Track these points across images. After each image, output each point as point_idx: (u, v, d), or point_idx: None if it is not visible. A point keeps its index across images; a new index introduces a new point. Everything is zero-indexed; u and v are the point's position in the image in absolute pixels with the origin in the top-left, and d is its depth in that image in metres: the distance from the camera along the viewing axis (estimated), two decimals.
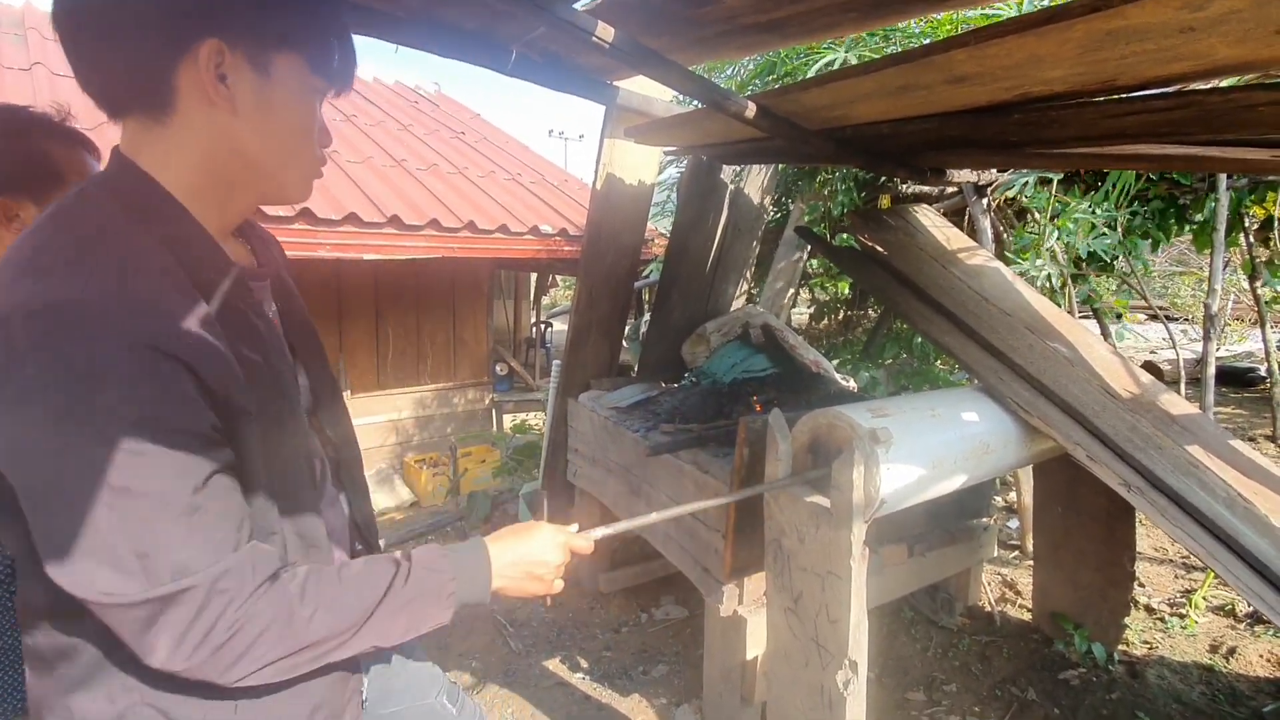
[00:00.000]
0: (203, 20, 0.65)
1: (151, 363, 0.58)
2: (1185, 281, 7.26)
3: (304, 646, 0.66)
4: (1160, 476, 1.52)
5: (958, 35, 1.09)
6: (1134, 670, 2.18)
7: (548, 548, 0.88)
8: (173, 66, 0.66)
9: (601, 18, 1.21)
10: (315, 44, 0.73)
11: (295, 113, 0.74)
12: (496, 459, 4.66)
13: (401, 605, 0.73)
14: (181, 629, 0.60)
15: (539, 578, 0.87)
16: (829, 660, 1.36)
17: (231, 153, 0.71)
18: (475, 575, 0.80)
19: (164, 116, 0.69)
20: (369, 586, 0.72)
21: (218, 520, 0.63)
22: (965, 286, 2.09)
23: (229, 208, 0.76)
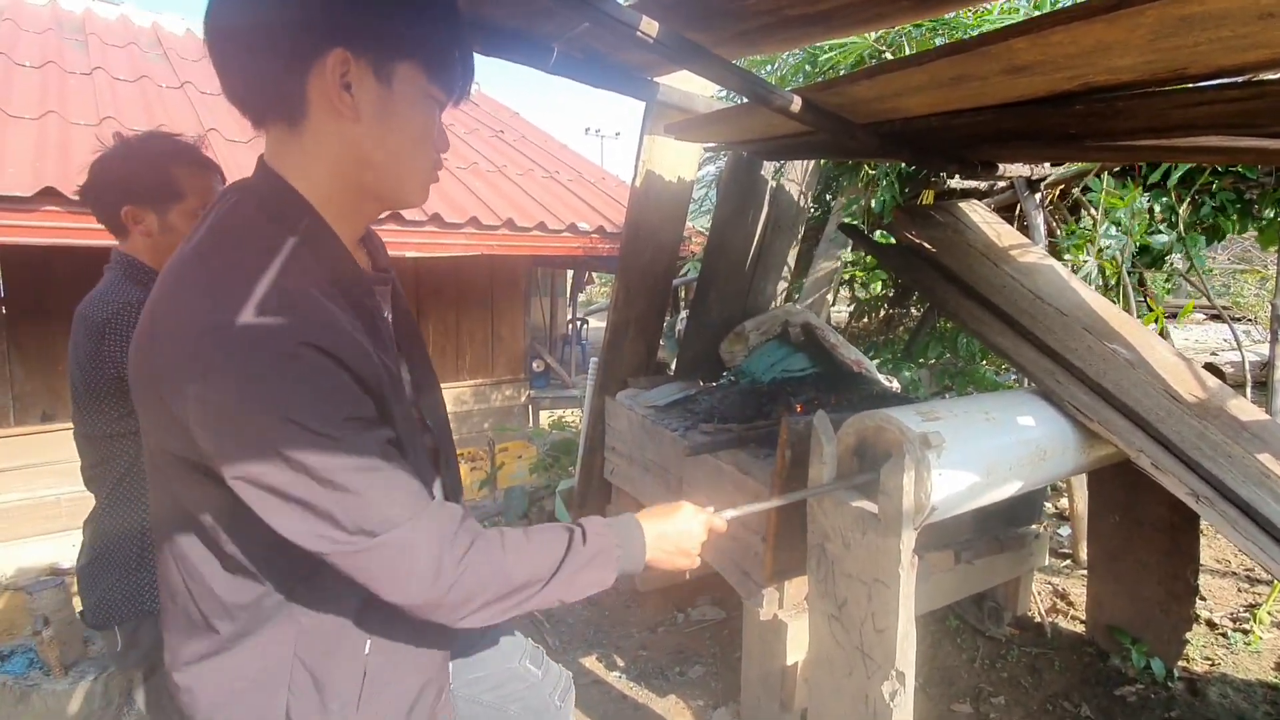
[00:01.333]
0: (329, 31, 0.69)
1: (317, 359, 0.65)
2: (1248, 280, 6.92)
3: (512, 589, 0.75)
4: (1231, 487, 1.44)
5: (1017, 23, 1.04)
6: (1195, 688, 2.08)
7: (693, 525, 0.95)
8: (303, 76, 0.69)
9: (645, 12, 1.19)
10: (435, 54, 0.75)
11: (414, 120, 0.76)
12: (533, 455, 4.68)
13: (581, 563, 0.81)
14: (407, 569, 0.69)
15: (686, 552, 0.94)
16: (874, 670, 1.32)
17: (358, 160, 0.75)
18: (635, 545, 0.88)
19: (298, 125, 0.72)
20: (553, 544, 0.80)
21: (406, 480, 0.71)
22: (1018, 285, 2.01)
23: (358, 214, 0.80)
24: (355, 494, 0.66)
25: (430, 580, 0.70)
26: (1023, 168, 2.52)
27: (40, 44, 5.21)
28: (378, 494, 0.68)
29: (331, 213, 0.76)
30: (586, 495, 2.87)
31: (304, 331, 0.65)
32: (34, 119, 3.93)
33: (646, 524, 0.91)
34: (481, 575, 0.73)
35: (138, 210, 1.27)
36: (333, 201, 0.76)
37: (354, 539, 0.67)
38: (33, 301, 4.56)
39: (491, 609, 0.74)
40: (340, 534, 0.66)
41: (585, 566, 0.81)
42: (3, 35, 5.14)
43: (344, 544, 0.67)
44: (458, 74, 0.79)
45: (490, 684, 1.11)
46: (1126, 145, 1.63)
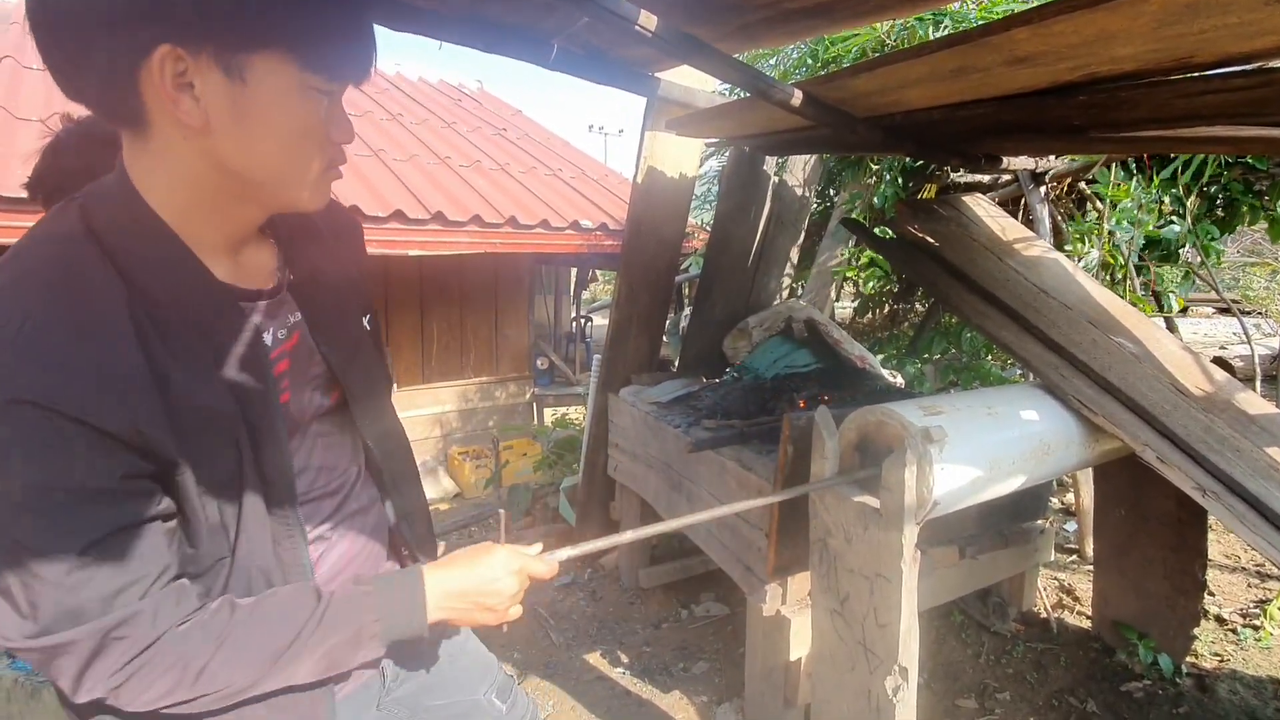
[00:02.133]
0: (151, 24, 0.57)
1: (36, 420, 0.56)
2: (1258, 273, 6.86)
3: (204, 693, 0.65)
4: (1239, 480, 1.43)
5: (1019, 13, 1.03)
6: (1203, 684, 2.06)
7: (500, 574, 0.80)
8: (132, 79, 0.59)
9: (645, 6, 1.19)
10: (303, 38, 0.63)
11: (286, 118, 0.65)
12: (538, 452, 4.69)
13: (313, 647, 0.69)
14: (75, 671, 0.60)
15: (489, 608, 0.80)
16: (877, 665, 1.32)
17: (216, 169, 0.65)
18: (406, 611, 0.75)
19: (142, 133, 0.63)
20: (280, 627, 0.69)
21: (119, 570, 0.61)
22: (1022, 279, 2.00)
23: (229, 220, 0.71)
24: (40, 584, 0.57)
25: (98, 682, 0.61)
26: (1027, 161, 2.50)
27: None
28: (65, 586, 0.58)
29: (190, 222, 0.68)
30: (590, 492, 2.87)
31: (24, 386, 0.56)
32: (42, 120, 3.95)
33: (436, 577, 0.78)
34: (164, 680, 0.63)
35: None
36: (190, 213, 0.67)
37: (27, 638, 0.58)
38: None
39: (185, 706, 0.66)
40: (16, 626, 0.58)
41: (320, 649, 0.70)
42: (11, 39, 5.17)
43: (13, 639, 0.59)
44: (345, 53, 0.67)
45: (450, 714, 1.02)
46: (1131, 136, 1.61)
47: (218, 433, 0.68)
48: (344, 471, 0.89)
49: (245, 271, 0.76)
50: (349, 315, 0.89)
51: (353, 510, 0.89)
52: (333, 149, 0.71)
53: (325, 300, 0.84)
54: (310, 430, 0.83)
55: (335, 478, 0.87)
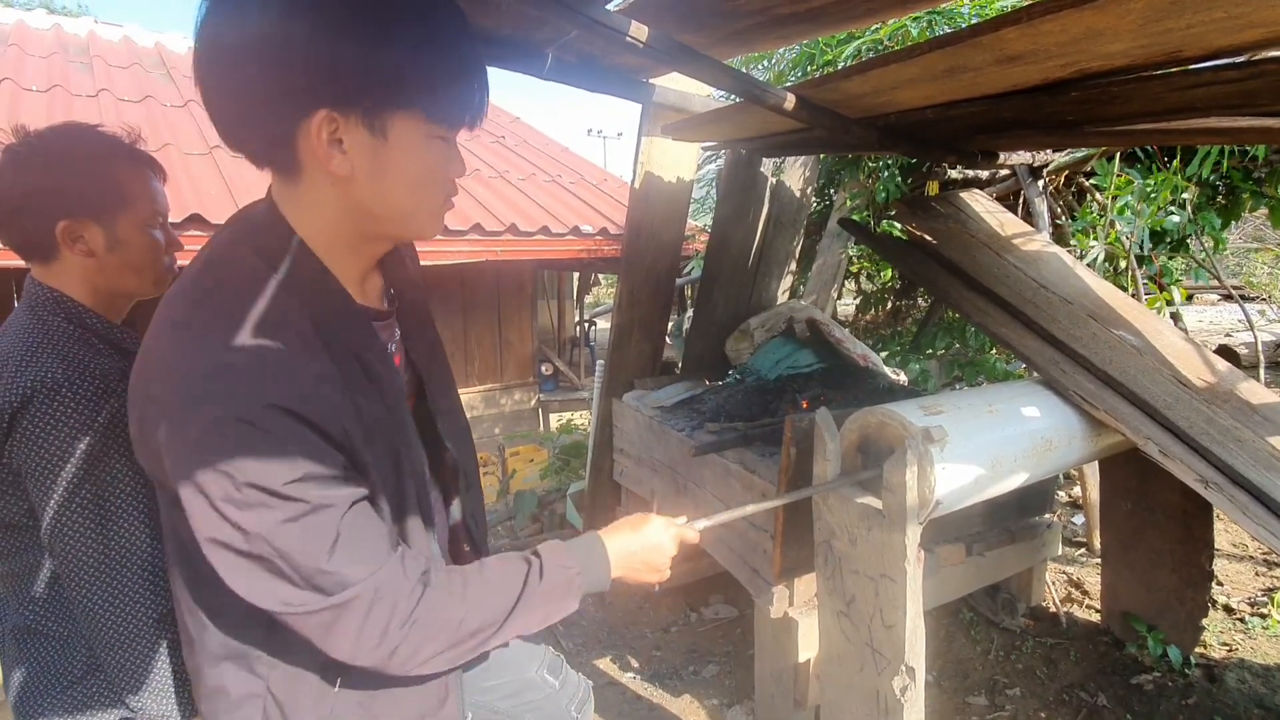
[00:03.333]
0: (314, 91, 0.66)
1: (281, 421, 0.64)
2: (1261, 259, 6.84)
3: (462, 639, 0.75)
4: (1241, 472, 1.43)
5: (1008, 13, 1.04)
6: (1213, 674, 2.06)
7: (663, 539, 0.94)
8: (291, 135, 0.68)
9: (635, 17, 1.20)
10: (428, 94, 0.71)
11: (416, 166, 0.73)
12: (544, 458, 4.70)
13: (539, 599, 0.80)
14: (355, 631, 0.69)
15: (655, 567, 0.93)
16: (884, 666, 1.32)
17: (358, 213, 0.74)
18: (598, 567, 0.87)
19: (294, 178, 0.72)
20: (509, 583, 0.79)
21: (367, 537, 0.70)
22: (1022, 274, 2.00)
23: (363, 253, 0.80)
24: (309, 555, 0.66)
25: (375, 642, 0.70)
26: (1024, 156, 2.51)
27: (46, 68, 5.28)
28: (333, 554, 0.67)
29: (334, 255, 0.76)
30: (596, 497, 2.87)
31: (270, 393, 0.64)
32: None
33: (611, 542, 0.89)
34: (430, 629, 0.72)
35: (76, 224, 1.00)
36: (335, 246, 0.76)
37: (305, 599, 0.67)
38: None
39: (443, 657, 0.74)
40: (293, 594, 0.67)
41: (544, 600, 0.81)
42: (9, 60, 5.22)
43: (295, 605, 0.67)
44: (465, 101, 0.74)
45: (505, 692, 1.11)
46: (1126, 130, 1.61)
47: (383, 439, 0.76)
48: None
49: (368, 296, 0.84)
50: (427, 324, 0.98)
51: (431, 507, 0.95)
52: (449, 184, 0.79)
53: (413, 314, 0.94)
54: None
55: None
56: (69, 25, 6.59)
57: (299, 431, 0.65)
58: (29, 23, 6.39)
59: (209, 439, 0.63)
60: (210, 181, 4.11)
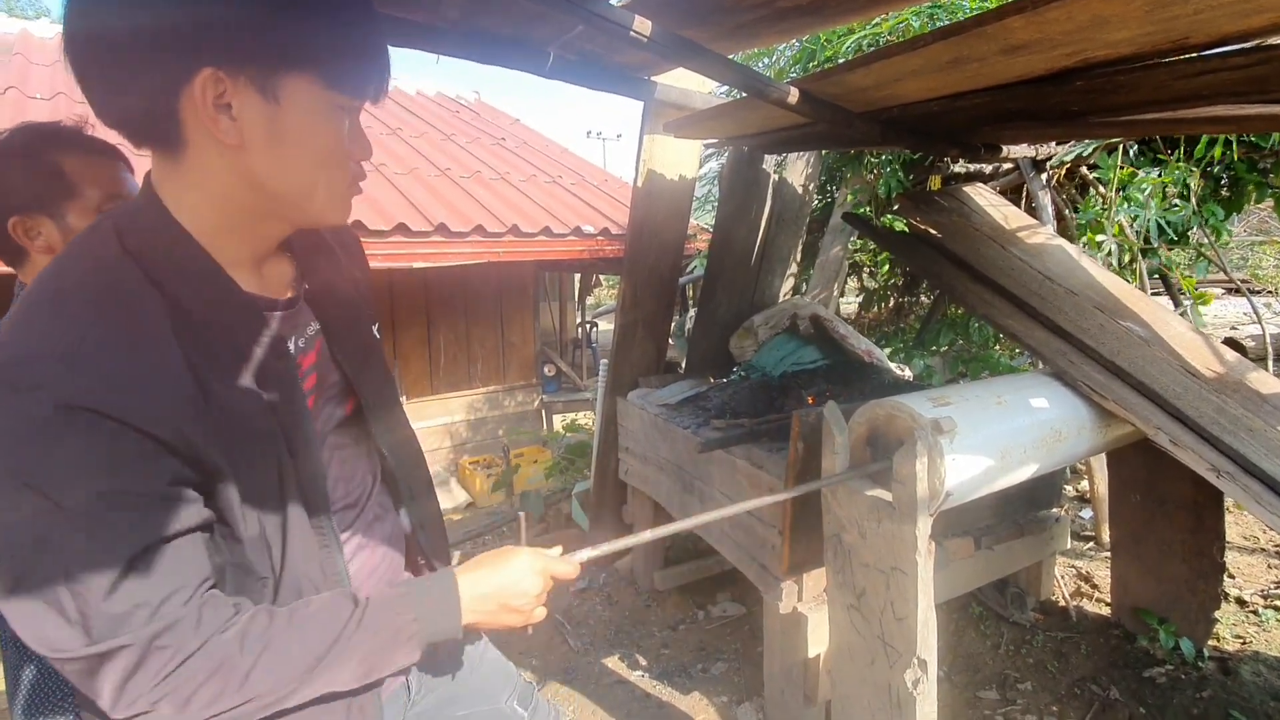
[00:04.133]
0: (195, 49, 0.61)
1: (87, 424, 0.57)
2: (1267, 251, 6.80)
3: (247, 700, 0.65)
4: (1253, 460, 1.42)
5: (1013, 2, 1.04)
6: (1226, 667, 2.05)
7: (524, 576, 0.82)
8: (173, 101, 0.62)
9: (638, 11, 1.20)
10: (329, 59, 0.67)
11: (314, 136, 0.68)
12: (548, 459, 4.70)
13: (353, 650, 0.70)
14: (118, 682, 0.60)
15: (515, 609, 0.82)
16: (896, 659, 1.32)
17: (249, 187, 0.68)
18: (442, 612, 0.76)
19: (177, 154, 0.66)
20: (319, 632, 0.69)
21: (163, 578, 0.61)
22: (1027, 266, 2.00)
23: (256, 236, 0.74)
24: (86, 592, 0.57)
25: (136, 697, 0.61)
26: (1027, 149, 2.50)
27: (50, 76, 5.30)
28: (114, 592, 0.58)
29: (219, 238, 0.70)
30: (602, 497, 2.87)
31: (78, 391, 0.57)
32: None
33: (466, 580, 0.79)
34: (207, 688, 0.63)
35: (29, 220, 1.01)
36: (220, 230, 0.70)
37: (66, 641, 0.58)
38: None
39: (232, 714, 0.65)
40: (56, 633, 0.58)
41: (361, 651, 0.70)
42: (14, 69, 5.24)
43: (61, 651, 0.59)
44: (366, 72, 0.70)
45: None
46: (1131, 120, 1.61)
47: (257, 441, 0.70)
48: (360, 482, 0.89)
49: (267, 284, 0.78)
50: (361, 324, 0.91)
51: (370, 520, 0.90)
52: (354, 165, 0.74)
53: (339, 311, 0.87)
54: (328, 441, 0.84)
55: (354, 489, 0.88)
56: None
57: (108, 436, 0.58)
58: (33, 31, 6.41)
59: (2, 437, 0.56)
60: None
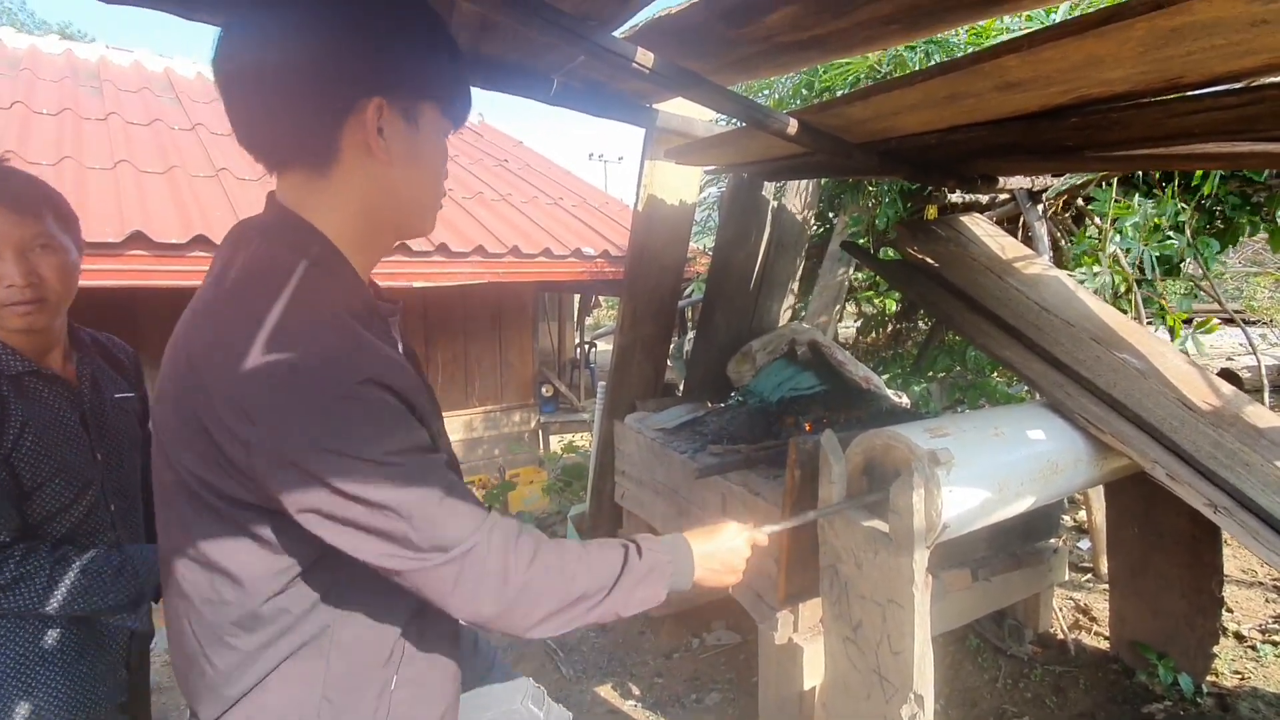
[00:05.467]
0: (368, 81, 0.71)
1: (377, 393, 0.68)
2: (1261, 283, 6.85)
3: (574, 599, 0.77)
4: (1250, 496, 1.41)
5: (1008, 40, 1.06)
6: (1225, 703, 2.02)
7: (738, 542, 0.98)
8: (339, 124, 0.72)
9: (640, 44, 1.21)
10: (448, 90, 0.79)
11: (436, 155, 0.80)
12: (544, 479, 4.67)
13: (636, 579, 0.83)
14: (476, 582, 0.71)
15: (732, 568, 0.97)
16: (892, 693, 1.30)
17: (386, 198, 0.77)
18: (684, 562, 0.90)
19: (327, 170, 0.74)
20: (610, 557, 0.82)
21: (466, 494, 0.74)
22: (1023, 297, 2.01)
23: (375, 247, 0.82)
24: (425, 517, 0.69)
25: (498, 591, 0.72)
26: (1023, 180, 2.53)
27: (57, 92, 5.35)
28: (446, 514, 0.70)
29: (353, 250, 0.78)
30: (597, 520, 2.85)
31: (364, 368, 0.67)
32: (51, 165, 4.02)
33: (694, 543, 0.93)
34: (546, 584, 0.75)
35: None
36: (356, 239, 0.78)
37: (428, 557, 0.69)
38: None
39: (556, 619, 0.77)
40: (414, 554, 0.69)
41: (640, 581, 0.83)
42: (21, 84, 5.29)
43: (417, 562, 0.69)
44: (467, 102, 0.83)
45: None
46: (1125, 155, 1.63)
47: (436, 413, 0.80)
48: None
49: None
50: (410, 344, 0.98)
51: None
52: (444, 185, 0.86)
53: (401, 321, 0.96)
54: None
55: None
56: (80, 50, 6.69)
57: (393, 404, 0.68)
58: (41, 48, 6.49)
59: (313, 425, 0.65)
60: (216, 204, 4.14)
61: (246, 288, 0.71)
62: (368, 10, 0.72)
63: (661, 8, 1.23)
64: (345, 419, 0.65)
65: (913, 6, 1.12)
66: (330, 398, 0.65)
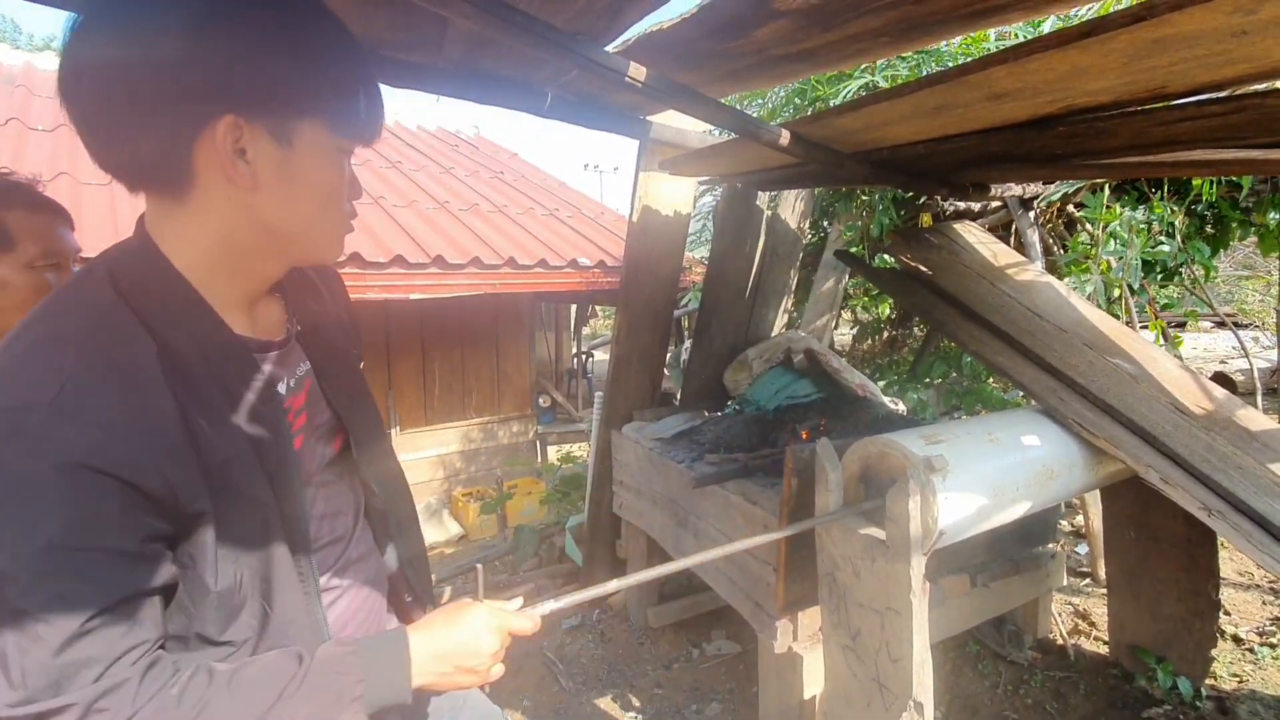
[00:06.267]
0: (217, 96, 0.63)
1: (77, 481, 0.57)
2: (1252, 286, 6.90)
3: None
4: (1243, 499, 1.43)
5: (995, 53, 1.07)
6: (1224, 706, 2.02)
7: (480, 634, 0.77)
8: (188, 145, 0.64)
9: (633, 58, 1.23)
10: (336, 105, 0.70)
11: (320, 177, 0.71)
12: (542, 490, 4.66)
13: (293, 713, 0.66)
14: None
15: (470, 669, 0.77)
16: (892, 701, 1.30)
17: (254, 226, 0.70)
18: (391, 674, 0.72)
19: (182, 195, 0.67)
20: (259, 694, 0.65)
21: (116, 638, 0.60)
22: (1016, 303, 2.02)
23: (253, 276, 0.75)
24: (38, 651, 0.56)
25: None
26: (1015, 187, 2.55)
27: (53, 108, 5.33)
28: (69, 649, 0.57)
29: (217, 279, 0.71)
30: (596, 531, 2.85)
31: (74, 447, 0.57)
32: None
33: (419, 639, 0.75)
34: None
35: None
36: (217, 270, 0.71)
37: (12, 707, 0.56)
38: None
39: None
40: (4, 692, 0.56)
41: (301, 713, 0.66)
42: (16, 101, 5.30)
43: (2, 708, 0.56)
44: (366, 117, 0.73)
45: None
46: (1113, 163, 1.65)
47: (242, 486, 0.69)
48: (345, 519, 0.89)
49: (259, 325, 0.79)
50: (349, 360, 0.92)
51: (354, 559, 0.89)
52: (350, 205, 0.77)
53: (329, 349, 0.88)
54: (314, 479, 0.84)
55: (338, 526, 0.87)
56: None
57: (90, 493, 0.58)
58: (36, 64, 6.52)
59: None
60: None
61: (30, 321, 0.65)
62: (221, 17, 0.63)
63: (654, 23, 1.25)
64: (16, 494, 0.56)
65: (900, 20, 1.14)
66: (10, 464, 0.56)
